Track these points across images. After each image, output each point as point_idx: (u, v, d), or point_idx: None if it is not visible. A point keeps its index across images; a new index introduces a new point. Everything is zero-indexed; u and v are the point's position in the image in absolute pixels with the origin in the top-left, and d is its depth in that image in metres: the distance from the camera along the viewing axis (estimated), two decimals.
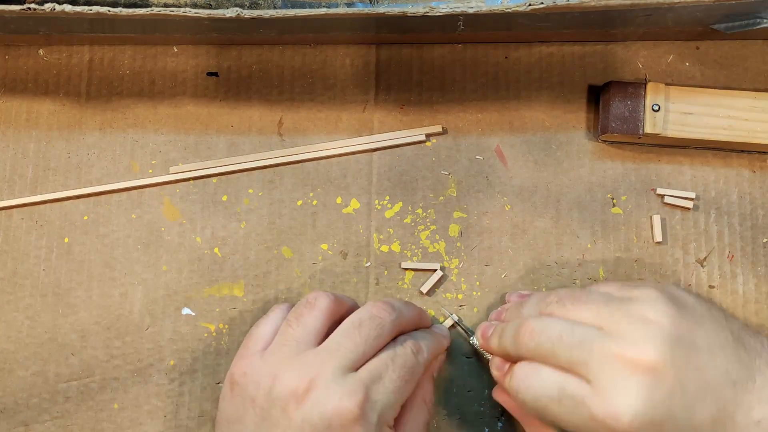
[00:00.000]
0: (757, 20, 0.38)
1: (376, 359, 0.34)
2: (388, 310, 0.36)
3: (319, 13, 0.36)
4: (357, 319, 0.35)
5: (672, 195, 0.42)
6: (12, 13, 0.37)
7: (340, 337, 0.34)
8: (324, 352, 0.34)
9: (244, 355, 0.36)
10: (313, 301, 0.36)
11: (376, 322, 0.35)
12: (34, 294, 0.43)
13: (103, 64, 0.45)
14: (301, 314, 0.35)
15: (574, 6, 0.35)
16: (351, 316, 0.35)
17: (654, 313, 0.31)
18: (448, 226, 0.43)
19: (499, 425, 0.41)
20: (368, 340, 0.34)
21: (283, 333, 0.35)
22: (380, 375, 0.33)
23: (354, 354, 0.34)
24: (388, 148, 0.43)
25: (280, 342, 0.35)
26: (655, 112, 0.41)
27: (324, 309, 0.36)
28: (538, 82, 0.44)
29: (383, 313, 0.35)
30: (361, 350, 0.34)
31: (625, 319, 0.32)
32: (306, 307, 0.36)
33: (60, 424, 0.41)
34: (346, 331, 0.34)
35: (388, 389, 0.33)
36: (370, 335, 0.34)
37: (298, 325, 0.35)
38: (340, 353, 0.33)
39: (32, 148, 0.44)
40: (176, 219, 0.43)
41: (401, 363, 0.34)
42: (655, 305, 0.32)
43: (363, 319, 0.35)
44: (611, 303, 0.33)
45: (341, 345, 0.34)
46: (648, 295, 0.33)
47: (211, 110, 0.44)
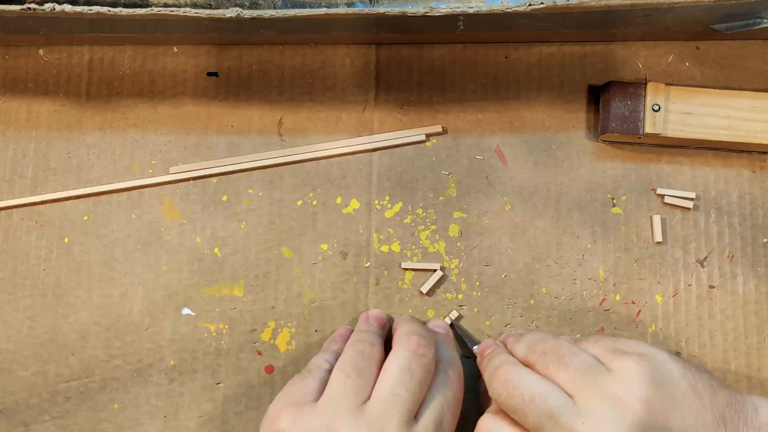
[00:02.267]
0: (757, 20, 0.38)
1: (432, 402, 0.34)
2: (427, 345, 0.35)
3: (319, 13, 0.36)
4: (405, 362, 0.34)
5: (672, 195, 0.42)
6: (12, 13, 0.37)
7: (396, 385, 0.34)
8: (383, 404, 0.33)
9: (292, 403, 0.34)
10: (369, 354, 0.35)
11: (423, 363, 0.35)
12: (34, 294, 0.43)
13: (103, 64, 0.45)
14: (360, 368, 0.35)
15: (574, 6, 0.35)
16: (398, 359, 0.35)
17: (628, 395, 0.30)
18: (448, 226, 0.43)
19: None
20: (421, 384, 0.34)
21: (342, 384, 0.34)
22: (441, 419, 0.34)
23: (411, 402, 0.33)
24: (388, 148, 0.43)
25: (337, 393, 0.34)
26: (655, 112, 0.41)
27: (378, 359, 0.35)
28: (538, 82, 0.44)
29: (425, 350, 0.35)
30: (416, 396, 0.34)
31: (599, 396, 0.31)
32: (362, 359, 0.35)
33: (60, 424, 0.41)
34: (400, 379, 0.34)
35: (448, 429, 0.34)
36: (421, 378, 0.34)
37: (358, 376, 0.34)
38: (399, 404, 0.33)
39: (32, 148, 0.44)
40: (176, 219, 0.43)
41: (452, 398, 0.35)
42: (630, 386, 0.31)
43: (410, 361, 0.34)
44: (591, 373, 0.32)
45: (399, 394, 0.33)
46: (628, 371, 0.31)
47: (211, 110, 0.44)
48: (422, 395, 0.34)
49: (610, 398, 0.31)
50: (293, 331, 0.42)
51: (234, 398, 0.41)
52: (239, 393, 0.41)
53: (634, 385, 0.31)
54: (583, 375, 0.32)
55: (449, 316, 0.41)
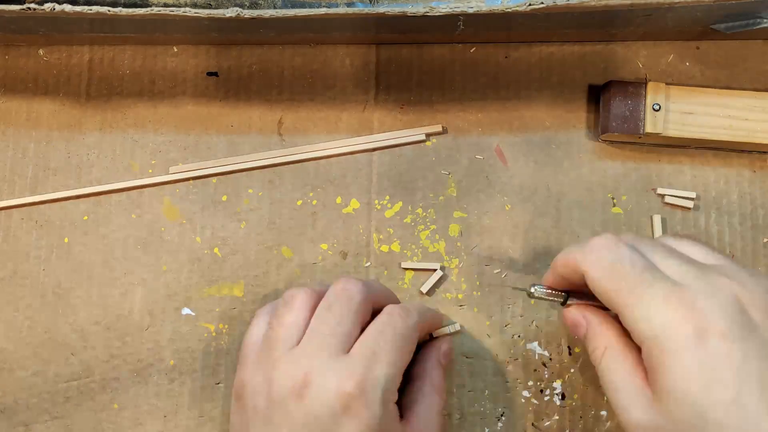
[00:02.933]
0: (757, 20, 0.38)
1: (364, 335, 0.34)
2: (353, 282, 0.35)
3: (319, 13, 0.36)
4: (326, 302, 0.35)
5: (672, 195, 0.42)
6: (12, 13, 0.37)
7: (317, 324, 0.34)
8: (309, 345, 0.33)
9: (240, 367, 0.36)
10: (290, 299, 0.36)
11: (345, 297, 0.35)
12: (34, 294, 0.43)
13: (103, 64, 0.45)
14: (281, 315, 0.35)
15: (574, 6, 0.35)
16: (321, 301, 0.35)
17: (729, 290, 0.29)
18: (448, 226, 0.43)
19: (499, 425, 0.41)
20: (344, 318, 0.34)
21: (268, 337, 0.35)
22: (373, 350, 0.33)
23: (335, 337, 0.33)
24: (388, 147, 0.43)
25: (266, 347, 0.35)
26: (655, 111, 0.41)
27: (300, 304, 0.35)
28: (538, 81, 0.44)
29: (349, 286, 0.35)
30: (341, 330, 0.33)
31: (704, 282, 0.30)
32: (284, 307, 0.35)
33: (60, 424, 0.41)
34: (320, 317, 0.34)
35: (384, 362, 0.33)
36: (343, 313, 0.34)
37: (280, 326, 0.35)
38: (322, 340, 0.33)
39: (32, 148, 0.44)
40: (176, 219, 0.43)
41: (391, 332, 0.34)
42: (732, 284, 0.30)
43: (330, 299, 0.35)
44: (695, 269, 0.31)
45: (320, 332, 0.34)
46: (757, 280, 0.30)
47: (211, 110, 0.44)
48: (350, 330, 0.34)
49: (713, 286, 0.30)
50: None
51: None
52: None
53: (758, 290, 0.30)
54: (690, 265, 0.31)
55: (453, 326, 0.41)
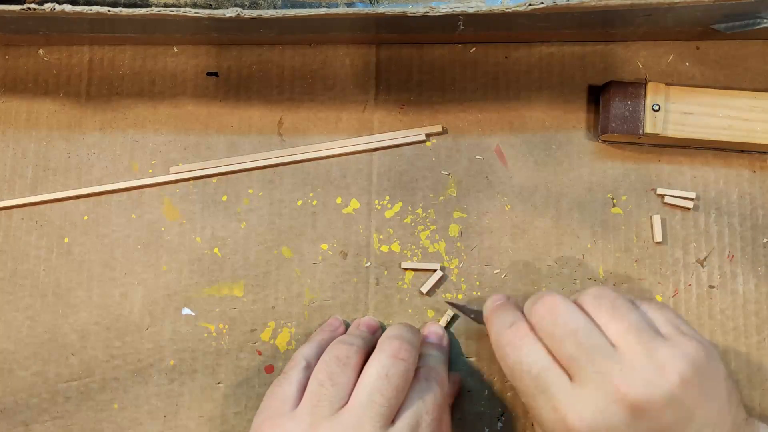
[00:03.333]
0: (757, 20, 0.38)
1: (409, 408, 0.34)
2: (408, 350, 0.35)
3: (319, 13, 0.36)
4: (383, 368, 0.34)
5: (672, 195, 0.42)
6: (12, 13, 0.37)
7: (372, 391, 0.33)
8: (359, 410, 0.33)
9: (271, 416, 0.34)
10: (344, 358, 0.35)
11: (402, 368, 0.34)
12: (34, 294, 0.43)
13: (103, 64, 0.45)
14: (334, 373, 0.34)
15: (574, 6, 0.35)
16: (376, 364, 0.34)
17: (672, 367, 0.30)
18: (448, 226, 0.43)
19: (499, 425, 0.41)
20: (398, 390, 0.34)
21: (316, 393, 0.34)
22: (418, 422, 0.33)
23: (387, 408, 0.33)
24: (388, 148, 0.43)
25: (312, 402, 0.34)
26: (655, 112, 0.41)
27: (355, 365, 0.35)
28: (538, 82, 0.44)
29: (406, 355, 0.35)
30: (393, 402, 0.33)
31: (645, 355, 0.31)
32: (337, 366, 0.35)
33: (60, 424, 0.41)
34: (376, 385, 0.33)
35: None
36: (399, 384, 0.34)
37: (332, 385, 0.34)
38: (375, 409, 0.33)
39: (32, 148, 0.44)
40: (176, 219, 0.43)
41: (432, 403, 0.34)
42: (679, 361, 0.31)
43: (388, 367, 0.34)
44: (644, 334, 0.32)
45: (374, 400, 0.33)
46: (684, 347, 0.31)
47: (211, 110, 0.44)
48: (400, 400, 0.34)
49: (655, 362, 0.30)
50: (293, 331, 0.42)
51: (234, 398, 0.41)
52: (239, 393, 0.41)
53: (682, 362, 0.31)
54: (636, 332, 0.32)
55: (447, 313, 0.41)
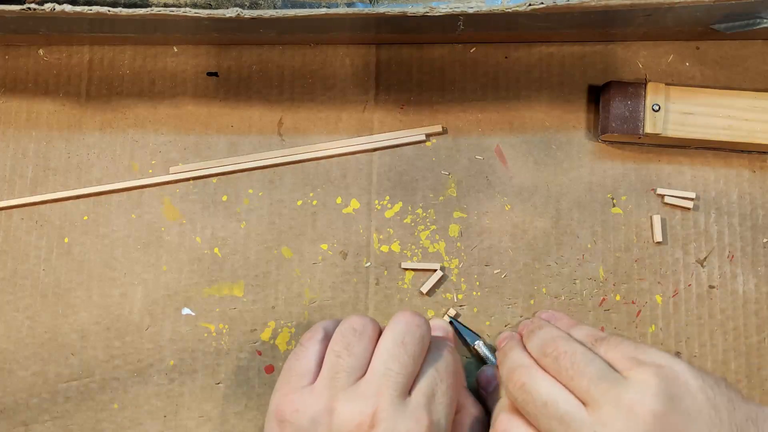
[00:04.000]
0: (757, 20, 0.38)
1: (424, 377, 0.34)
2: (421, 321, 0.35)
3: (319, 13, 0.36)
4: (399, 337, 0.34)
5: (672, 195, 0.42)
6: (12, 13, 0.37)
7: (389, 359, 0.33)
8: (377, 379, 0.33)
9: (290, 391, 0.34)
10: (360, 328, 0.35)
11: (418, 337, 0.34)
12: (34, 294, 0.43)
13: (103, 64, 0.45)
14: (350, 343, 0.34)
15: (574, 6, 0.35)
16: (391, 335, 0.34)
17: (641, 407, 0.30)
18: (448, 226, 0.43)
19: None
20: (414, 358, 0.34)
21: (334, 364, 0.34)
22: (433, 392, 0.33)
23: (404, 376, 0.33)
24: (388, 148, 0.43)
25: (330, 374, 0.34)
26: (655, 112, 0.41)
27: (371, 335, 0.35)
28: (538, 82, 0.44)
29: (421, 322, 0.35)
30: (410, 370, 0.33)
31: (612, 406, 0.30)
32: (354, 335, 0.35)
33: (60, 424, 0.41)
34: (392, 353, 0.34)
35: (444, 403, 0.33)
36: (415, 352, 0.34)
37: (349, 355, 0.34)
38: (392, 378, 0.33)
39: (32, 148, 0.44)
40: (176, 219, 0.43)
41: (445, 371, 0.34)
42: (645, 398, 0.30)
43: (404, 334, 0.34)
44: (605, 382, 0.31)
45: (391, 368, 0.33)
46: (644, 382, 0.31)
47: (211, 110, 0.44)
48: (416, 369, 0.34)
49: (624, 409, 0.30)
50: (293, 331, 0.42)
51: (234, 398, 0.41)
52: (239, 393, 0.41)
53: (648, 397, 0.30)
54: (596, 384, 0.31)
55: (447, 315, 0.41)
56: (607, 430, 0.30)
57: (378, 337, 0.35)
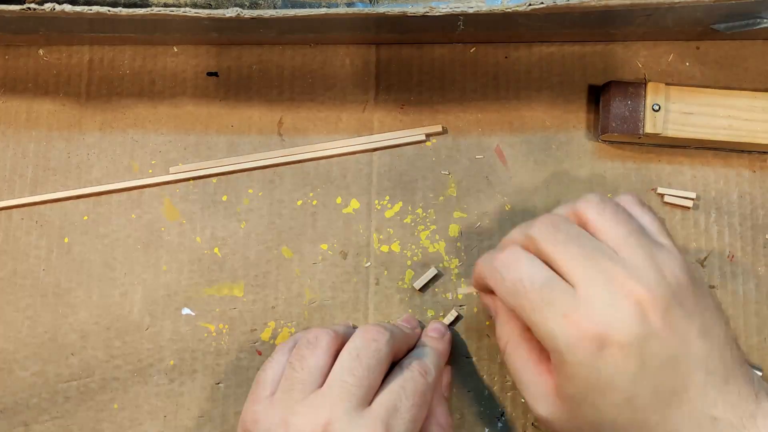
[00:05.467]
0: (757, 20, 0.38)
1: (387, 390, 0.33)
2: (380, 332, 0.35)
3: (319, 13, 0.36)
4: (353, 350, 0.34)
5: (672, 195, 0.42)
6: (12, 13, 0.37)
7: (342, 372, 0.33)
8: (331, 392, 0.33)
9: (253, 402, 0.35)
10: (314, 340, 0.35)
11: (373, 349, 0.34)
12: (34, 294, 0.43)
13: (103, 64, 0.45)
14: (304, 356, 0.34)
15: (574, 6, 0.35)
16: (348, 347, 0.34)
17: (671, 271, 0.30)
18: (448, 226, 0.43)
19: (499, 425, 0.41)
20: (370, 370, 0.33)
21: (288, 377, 0.34)
22: (395, 406, 0.33)
23: (360, 388, 0.33)
24: (388, 147, 0.43)
25: (285, 387, 0.34)
26: (655, 112, 0.41)
27: (325, 347, 0.35)
28: (538, 82, 0.44)
29: (377, 336, 0.35)
30: (366, 383, 0.33)
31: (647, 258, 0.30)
32: (307, 348, 0.35)
33: (60, 424, 0.41)
34: (346, 366, 0.33)
35: (405, 419, 0.33)
36: (371, 364, 0.33)
37: (302, 368, 0.34)
38: (346, 389, 0.33)
39: (32, 148, 0.44)
40: (176, 219, 0.43)
41: (412, 388, 0.34)
42: (676, 266, 0.30)
43: (359, 348, 0.34)
44: (643, 239, 0.31)
45: (345, 380, 0.33)
46: (677, 254, 0.31)
47: (211, 110, 0.44)
48: (375, 383, 0.33)
49: (656, 264, 0.30)
50: (293, 331, 0.42)
51: (234, 398, 0.41)
52: (239, 393, 0.41)
53: (679, 267, 0.30)
54: (637, 236, 0.31)
55: (451, 313, 0.41)
56: (637, 273, 0.30)
57: (337, 349, 0.35)
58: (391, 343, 0.35)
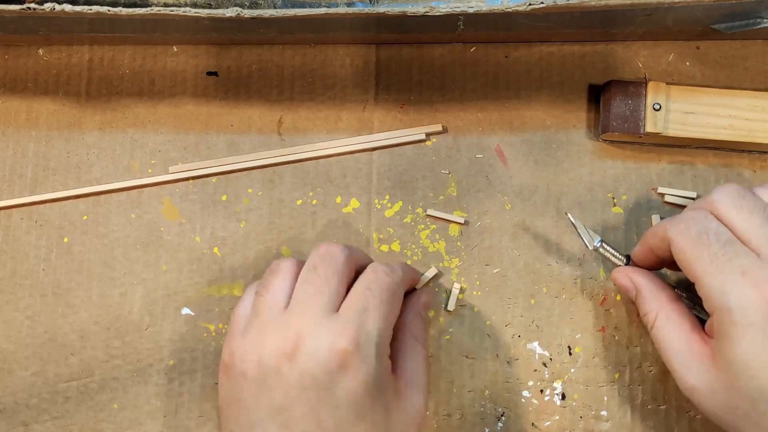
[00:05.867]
0: (757, 20, 0.38)
1: (352, 293, 0.34)
2: (334, 245, 0.36)
3: (319, 13, 0.36)
4: (310, 264, 0.35)
5: (673, 194, 0.42)
6: (12, 13, 0.37)
7: (302, 285, 0.34)
8: (296, 306, 0.34)
9: (229, 339, 0.36)
10: (275, 267, 0.36)
11: (329, 258, 0.35)
12: (34, 294, 0.43)
13: (103, 64, 0.45)
14: (268, 282, 0.35)
15: (574, 6, 0.35)
16: (305, 266, 0.35)
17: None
18: (448, 226, 0.43)
19: (499, 425, 0.41)
20: (329, 278, 0.34)
21: (255, 305, 0.35)
22: (363, 306, 0.33)
23: (323, 296, 0.33)
24: (388, 147, 0.43)
25: (254, 313, 0.35)
26: (656, 111, 0.41)
27: (288, 271, 0.36)
28: (538, 81, 0.44)
29: (332, 248, 0.35)
30: (328, 289, 0.34)
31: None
32: (271, 275, 0.36)
33: (60, 424, 0.41)
34: (305, 279, 0.34)
35: (375, 317, 0.33)
36: (328, 272, 0.34)
37: (267, 292, 0.35)
38: (311, 301, 0.33)
39: (32, 148, 0.44)
40: (176, 219, 0.43)
41: (379, 287, 0.34)
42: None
43: (315, 260, 0.35)
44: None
45: (307, 292, 0.34)
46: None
47: (211, 110, 0.44)
48: (336, 288, 0.34)
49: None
50: None
51: None
52: None
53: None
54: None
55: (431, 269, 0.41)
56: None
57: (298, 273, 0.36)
58: (347, 253, 0.36)
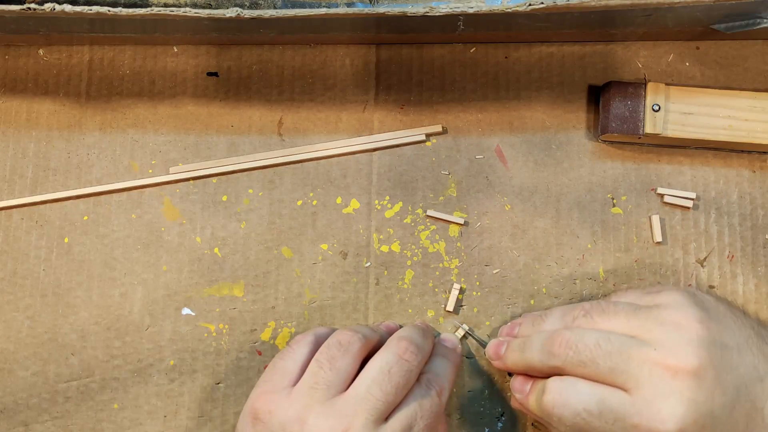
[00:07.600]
0: (757, 20, 0.38)
1: (405, 408, 0.34)
2: (414, 352, 0.35)
3: (319, 13, 0.36)
4: (386, 364, 0.34)
5: (672, 195, 0.42)
6: (12, 13, 0.37)
7: (371, 384, 0.33)
8: (355, 400, 0.33)
9: (269, 390, 0.34)
10: (346, 344, 0.35)
11: (405, 368, 0.34)
12: (34, 294, 0.43)
13: (103, 64, 0.45)
14: (334, 357, 0.34)
15: (574, 6, 0.35)
16: (380, 360, 0.34)
17: (685, 319, 0.32)
18: (448, 227, 0.43)
19: (499, 425, 0.41)
20: (398, 388, 0.33)
21: (315, 374, 0.34)
22: (410, 426, 0.33)
23: (384, 404, 0.33)
24: (388, 147, 0.43)
25: (309, 383, 0.34)
26: (655, 112, 0.41)
27: (356, 353, 0.35)
28: (538, 82, 0.44)
29: (411, 356, 0.35)
30: (391, 399, 0.33)
31: (658, 326, 0.33)
32: (338, 350, 0.35)
33: (60, 424, 0.41)
34: (377, 379, 0.33)
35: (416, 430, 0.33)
36: (399, 383, 0.34)
37: (331, 369, 0.34)
38: (371, 403, 0.33)
39: (32, 148, 0.44)
40: (176, 219, 0.43)
41: (428, 409, 0.34)
42: (683, 310, 0.33)
43: (392, 365, 0.34)
44: (639, 312, 0.34)
45: (372, 394, 0.33)
46: (674, 300, 0.34)
47: (211, 110, 0.44)
48: (397, 399, 0.34)
49: (671, 325, 0.32)
50: (293, 331, 0.42)
51: (234, 398, 0.41)
52: (239, 393, 0.41)
53: (687, 310, 0.33)
54: (634, 315, 0.34)
55: (461, 327, 0.41)
56: (666, 345, 0.32)
57: (367, 355, 0.35)
58: (422, 362, 0.35)
